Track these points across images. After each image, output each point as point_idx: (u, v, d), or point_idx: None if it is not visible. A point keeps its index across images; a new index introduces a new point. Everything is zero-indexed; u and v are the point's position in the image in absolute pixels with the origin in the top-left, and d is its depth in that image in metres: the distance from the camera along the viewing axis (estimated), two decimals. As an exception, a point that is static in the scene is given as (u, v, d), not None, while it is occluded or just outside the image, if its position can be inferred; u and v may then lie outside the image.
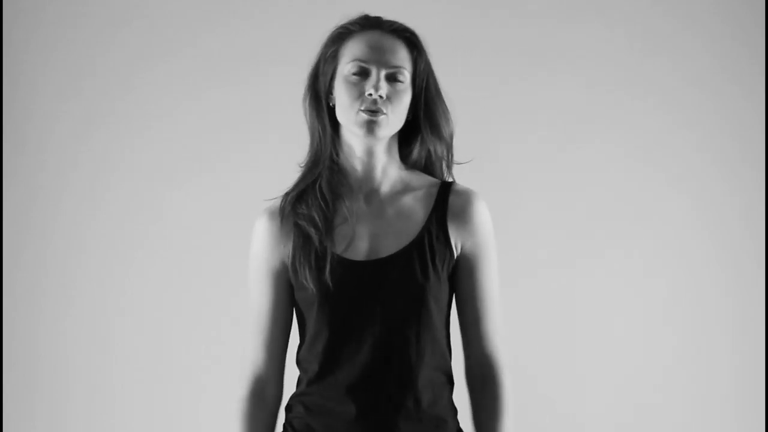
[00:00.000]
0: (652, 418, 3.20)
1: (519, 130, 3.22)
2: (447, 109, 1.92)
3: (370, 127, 1.82)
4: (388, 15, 2.00)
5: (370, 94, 1.81)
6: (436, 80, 1.91)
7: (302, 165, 1.93)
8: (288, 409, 1.92)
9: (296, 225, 1.87)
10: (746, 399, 3.20)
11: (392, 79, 1.83)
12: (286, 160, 1.97)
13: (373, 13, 1.91)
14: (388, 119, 1.83)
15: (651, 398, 3.21)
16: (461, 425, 1.91)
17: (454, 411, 1.91)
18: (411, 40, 1.87)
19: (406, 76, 1.85)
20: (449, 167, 1.95)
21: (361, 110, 1.82)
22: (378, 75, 1.82)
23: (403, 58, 1.85)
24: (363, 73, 1.83)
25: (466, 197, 1.90)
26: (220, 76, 3.24)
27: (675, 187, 3.23)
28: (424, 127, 1.90)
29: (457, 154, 2.01)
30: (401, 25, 1.88)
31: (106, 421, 3.24)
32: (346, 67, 1.84)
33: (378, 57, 1.83)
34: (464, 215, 1.88)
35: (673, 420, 3.20)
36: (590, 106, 3.22)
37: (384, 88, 1.82)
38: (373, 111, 1.81)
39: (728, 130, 3.23)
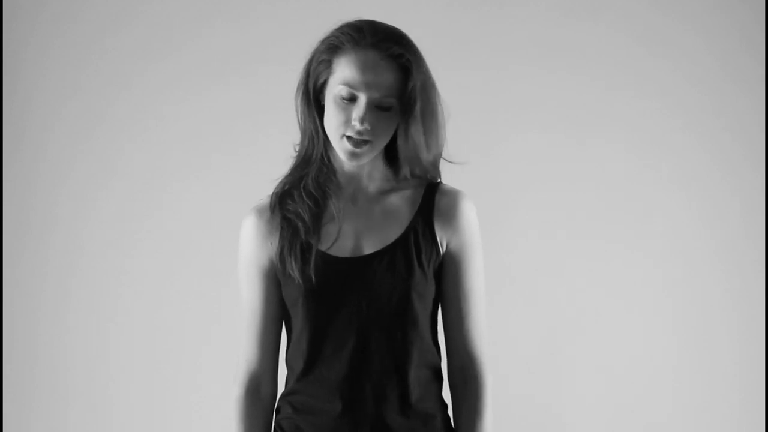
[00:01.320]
0: (653, 418, 3.20)
1: (519, 130, 3.22)
2: (436, 129, 1.86)
3: (353, 156, 1.82)
4: (388, 15, 2.00)
5: (355, 125, 1.80)
6: (431, 99, 1.84)
7: (294, 156, 1.92)
8: (277, 410, 1.93)
9: (285, 218, 1.88)
10: (746, 399, 3.20)
11: (379, 106, 1.80)
12: (286, 160, 1.97)
13: (374, 14, 1.90)
14: (371, 147, 1.82)
15: (651, 398, 3.20)
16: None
17: (444, 406, 1.92)
18: (404, 66, 1.81)
19: (393, 102, 1.81)
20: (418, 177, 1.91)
21: (345, 136, 1.81)
22: (364, 105, 1.79)
23: (391, 85, 1.80)
24: (351, 99, 1.80)
25: (453, 196, 1.90)
26: (220, 76, 3.24)
27: (675, 187, 3.22)
28: (400, 138, 1.85)
29: (457, 152, 2.00)
30: (397, 48, 1.80)
31: (106, 421, 3.24)
32: (336, 87, 1.81)
33: (367, 83, 1.78)
34: (450, 213, 1.89)
35: (673, 420, 3.20)
36: (591, 105, 3.22)
37: (368, 119, 1.79)
38: (357, 141, 1.80)
39: (728, 130, 3.23)
